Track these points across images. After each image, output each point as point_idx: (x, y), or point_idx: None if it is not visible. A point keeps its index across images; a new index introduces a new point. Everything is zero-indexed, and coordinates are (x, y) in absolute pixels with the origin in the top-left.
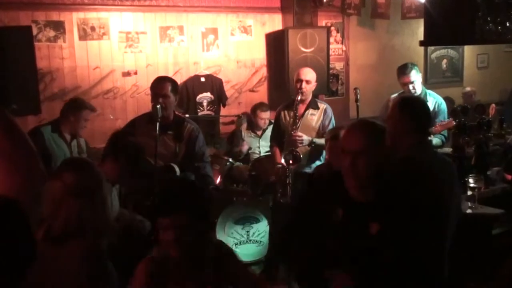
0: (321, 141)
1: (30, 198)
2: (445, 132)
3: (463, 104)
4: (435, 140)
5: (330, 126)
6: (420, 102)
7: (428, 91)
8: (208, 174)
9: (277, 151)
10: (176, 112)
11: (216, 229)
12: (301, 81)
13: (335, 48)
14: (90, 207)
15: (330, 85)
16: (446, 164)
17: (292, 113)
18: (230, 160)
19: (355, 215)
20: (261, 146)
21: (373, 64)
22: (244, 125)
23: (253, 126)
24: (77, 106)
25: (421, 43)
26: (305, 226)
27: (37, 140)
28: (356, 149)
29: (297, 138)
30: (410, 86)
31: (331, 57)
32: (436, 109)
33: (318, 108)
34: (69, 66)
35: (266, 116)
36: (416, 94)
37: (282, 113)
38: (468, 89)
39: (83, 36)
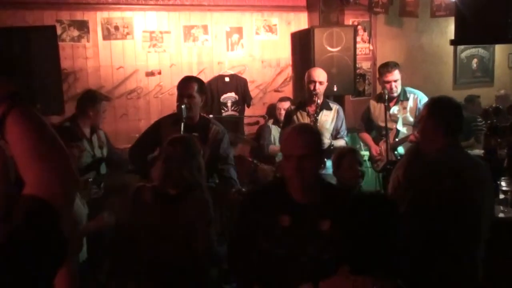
0: (339, 142)
1: (63, 200)
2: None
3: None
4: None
5: (343, 128)
6: (451, 103)
7: (407, 88)
8: (232, 176)
9: None
10: (202, 114)
11: None
12: (314, 82)
13: (362, 47)
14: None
15: (357, 85)
16: (479, 166)
17: (305, 114)
18: (255, 161)
19: (303, 217)
20: None
21: (400, 63)
22: (271, 120)
23: (278, 122)
24: (93, 99)
25: (452, 42)
26: (248, 240)
27: None
28: (302, 153)
29: None
30: (393, 85)
31: (358, 56)
32: (419, 105)
33: (330, 109)
34: (93, 66)
35: (284, 106)
36: (396, 93)
37: (295, 114)
38: (502, 92)
39: (107, 35)
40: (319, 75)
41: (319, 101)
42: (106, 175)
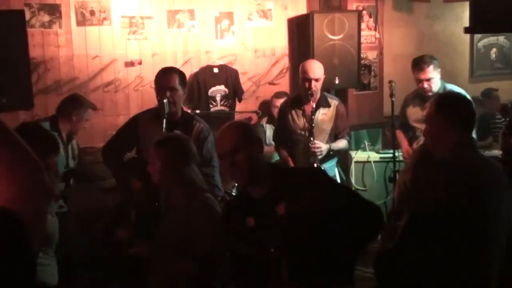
0: (340, 144)
1: (33, 213)
2: None
3: None
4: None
5: (345, 126)
6: (460, 98)
7: (449, 85)
8: (215, 183)
9: (285, 153)
10: (184, 109)
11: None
12: (309, 80)
13: (367, 35)
14: None
15: (361, 77)
16: (494, 169)
17: (301, 113)
18: None
19: (263, 212)
20: None
21: (411, 53)
22: (265, 119)
23: (273, 119)
24: (79, 104)
25: (466, 30)
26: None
27: None
28: (229, 149)
29: (317, 150)
30: (425, 84)
31: (362, 45)
32: None
33: (329, 105)
34: (65, 55)
35: (280, 102)
36: (432, 93)
37: (289, 112)
38: None
39: (81, 21)
40: (315, 70)
41: (313, 104)
42: (72, 189)
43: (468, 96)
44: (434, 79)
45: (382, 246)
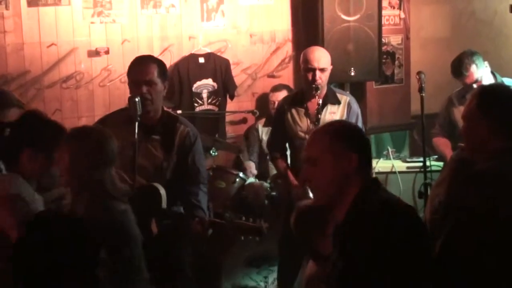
0: None
1: None
2: None
3: None
4: None
5: (359, 126)
6: (508, 92)
7: (507, 79)
8: (199, 204)
9: (284, 165)
10: (166, 108)
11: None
12: (313, 70)
13: (390, 15)
14: None
15: (383, 67)
16: None
17: (303, 112)
18: (241, 175)
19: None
20: None
21: (444, 37)
22: (263, 120)
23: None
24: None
25: None
26: None
27: None
28: None
29: None
30: (475, 86)
31: (384, 28)
32: None
33: (339, 102)
34: (14, 43)
35: (279, 97)
36: None
37: (289, 112)
38: None
39: (34, 1)
40: (320, 58)
41: (319, 100)
42: None
43: None
44: (483, 77)
45: None
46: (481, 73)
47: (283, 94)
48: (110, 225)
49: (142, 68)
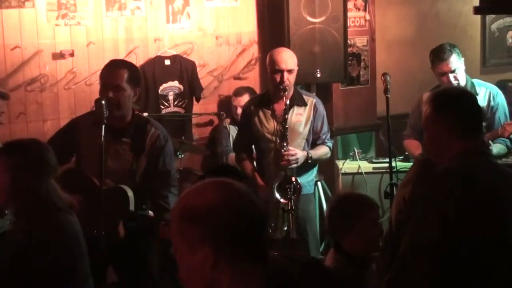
0: (319, 152)
1: None
2: None
3: None
4: (497, 147)
5: (325, 129)
6: (465, 94)
7: (476, 81)
8: (169, 207)
9: (250, 166)
10: (136, 112)
11: None
12: (281, 71)
13: (355, 16)
14: None
15: (349, 69)
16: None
17: (270, 114)
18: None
19: None
20: None
21: (409, 39)
22: (228, 120)
23: (237, 123)
24: None
25: (477, 10)
26: None
27: None
28: None
29: (291, 157)
30: (451, 76)
31: (349, 29)
32: (492, 103)
33: (305, 104)
34: None
35: (242, 102)
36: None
37: (256, 113)
38: None
39: None
40: (287, 60)
41: (287, 101)
42: None
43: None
44: (459, 69)
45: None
46: (458, 64)
47: (245, 98)
48: (57, 237)
49: (112, 72)
